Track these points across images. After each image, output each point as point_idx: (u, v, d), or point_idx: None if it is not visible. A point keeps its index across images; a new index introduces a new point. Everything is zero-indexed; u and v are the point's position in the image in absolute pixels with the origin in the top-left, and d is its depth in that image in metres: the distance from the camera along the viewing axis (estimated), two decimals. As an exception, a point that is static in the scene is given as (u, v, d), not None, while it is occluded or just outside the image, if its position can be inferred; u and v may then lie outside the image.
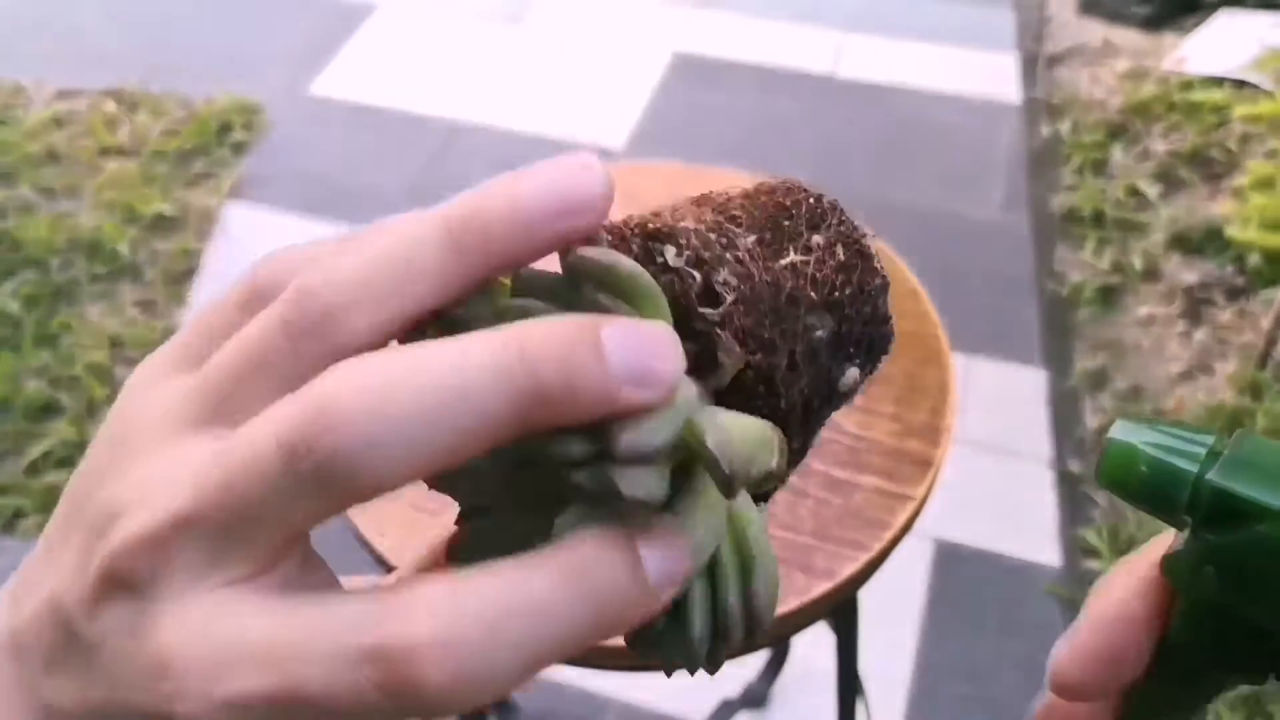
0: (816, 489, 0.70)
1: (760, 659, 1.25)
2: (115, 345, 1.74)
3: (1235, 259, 1.77)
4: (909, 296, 0.80)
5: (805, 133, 2.14)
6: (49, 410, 1.65)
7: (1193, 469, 0.21)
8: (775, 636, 0.68)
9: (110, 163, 2.08)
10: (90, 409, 1.65)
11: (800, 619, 0.65)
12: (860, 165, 2.06)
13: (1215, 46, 2.17)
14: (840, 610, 0.86)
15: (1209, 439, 0.22)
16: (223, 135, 2.15)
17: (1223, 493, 0.21)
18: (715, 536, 0.21)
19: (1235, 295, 1.74)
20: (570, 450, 0.19)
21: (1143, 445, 0.22)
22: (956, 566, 1.44)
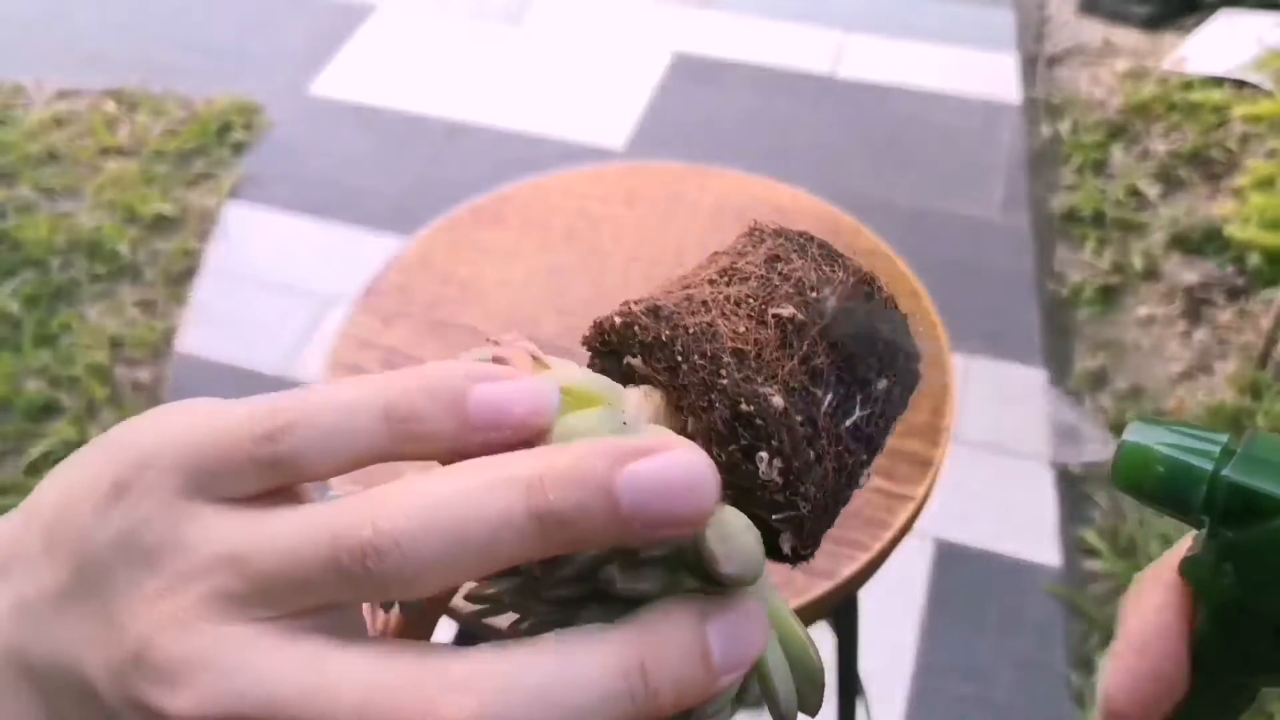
0: (816, 489, 0.70)
1: (760, 659, 1.25)
2: (115, 345, 1.74)
3: (1235, 259, 1.77)
4: (909, 296, 0.80)
5: (805, 133, 2.14)
6: (49, 410, 1.65)
7: (1208, 467, 0.21)
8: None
9: (110, 163, 2.08)
10: (90, 409, 1.65)
11: (800, 619, 0.65)
12: (860, 165, 2.06)
13: (1215, 46, 2.17)
14: (840, 610, 0.86)
15: (1222, 438, 0.22)
16: (223, 135, 2.15)
17: (1239, 489, 0.21)
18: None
19: (1235, 295, 1.74)
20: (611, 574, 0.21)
21: (1157, 446, 0.22)
22: (956, 566, 1.44)
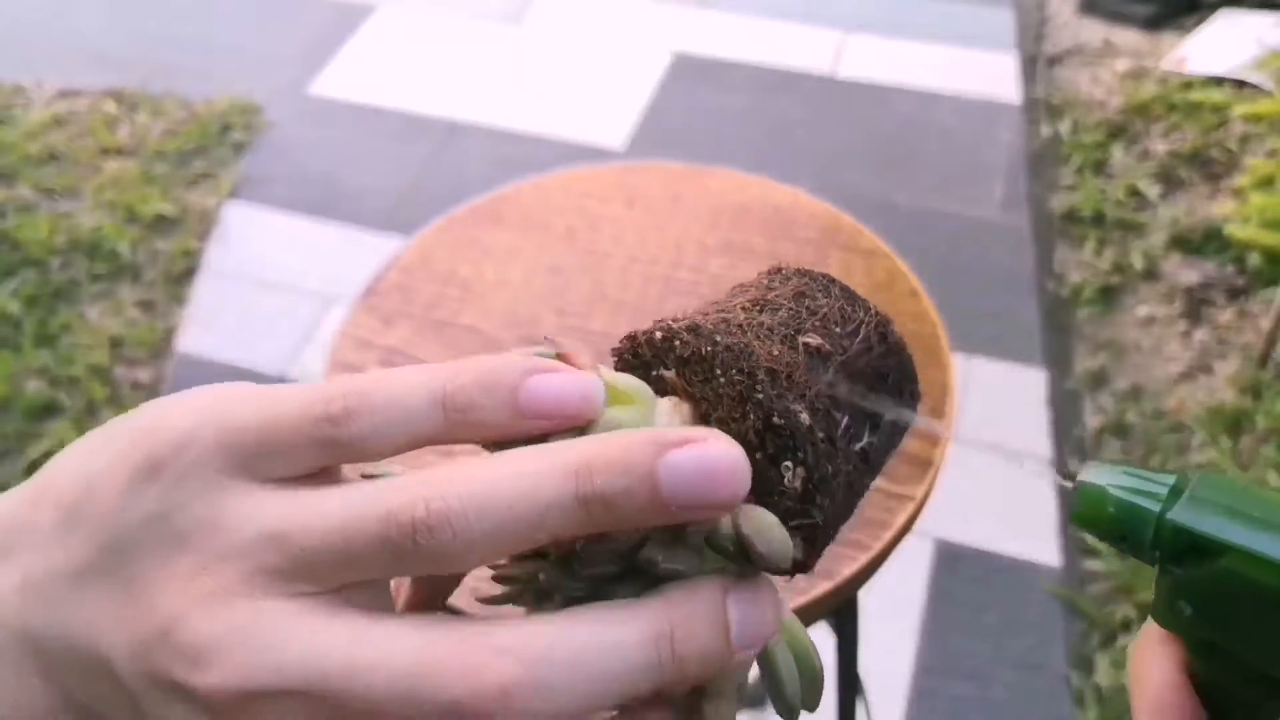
0: (816, 489, 0.70)
1: (760, 659, 1.25)
2: (115, 345, 1.74)
3: (1235, 259, 1.77)
4: (909, 296, 0.80)
5: (805, 133, 2.14)
6: (49, 410, 1.65)
7: (1155, 508, 0.22)
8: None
9: (110, 163, 2.08)
10: (90, 409, 1.65)
11: (800, 619, 0.65)
12: (860, 165, 2.06)
13: (1215, 46, 2.17)
14: (840, 610, 0.86)
15: (1170, 480, 0.23)
16: (223, 135, 2.15)
17: (1182, 530, 0.21)
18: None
19: (1235, 295, 1.74)
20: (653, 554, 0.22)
21: (1109, 487, 0.23)
22: (956, 566, 1.44)
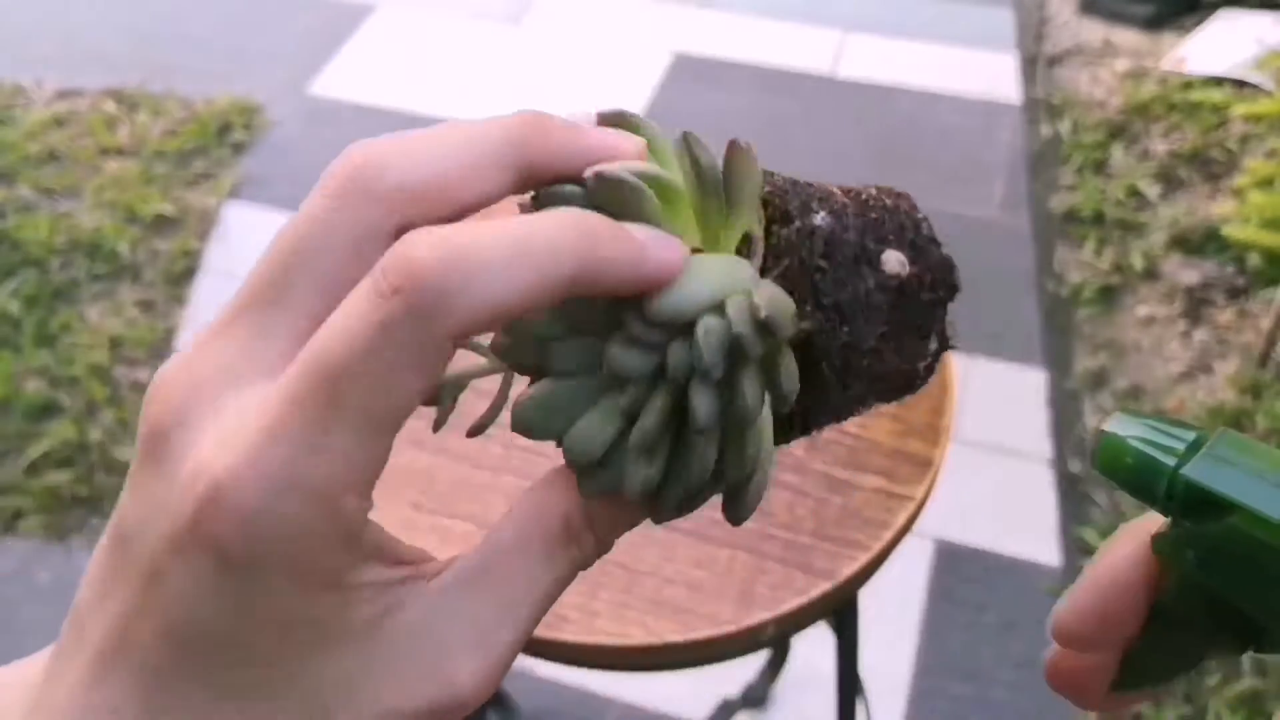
0: (816, 489, 0.70)
1: (760, 659, 1.25)
2: (115, 345, 1.74)
3: (1235, 259, 1.77)
4: (909, 296, 0.80)
5: (805, 133, 2.14)
6: (49, 410, 1.65)
7: (1171, 463, 0.23)
8: (775, 636, 0.68)
9: (110, 163, 2.08)
10: (90, 409, 1.65)
11: (800, 619, 0.65)
12: (860, 165, 2.06)
13: (1215, 46, 2.17)
14: (840, 610, 0.86)
15: (1190, 435, 0.23)
16: (223, 135, 2.15)
17: (1194, 486, 0.22)
18: (720, 289, 0.23)
19: (1235, 295, 1.74)
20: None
21: (1130, 438, 0.23)
22: (956, 566, 1.44)
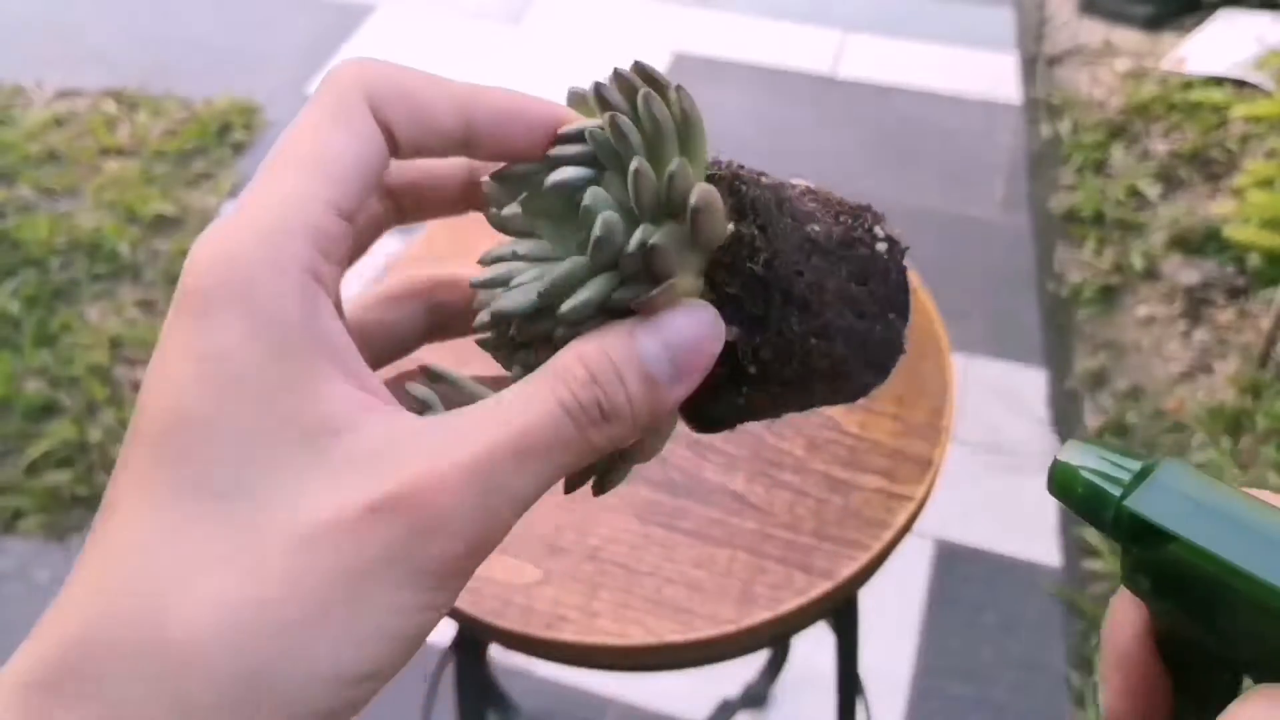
0: (816, 489, 0.70)
1: (760, 659, 1.25)
2: (115, 345, 1.74)
3: (1235, 259, 1.77)
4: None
5: (805, 133, 2.14)
6: (49, 410, 1.65)
7: (1116, 493, 0.23)
8: (775, 636, 0.68)
9: (110, 163, 2.08)
10: (90, 409, 1.65)
11: (800, 619, 0.65)
12: (860, 165, 2.06)
13: (1215, 46, 2.17)
14: (840, 610, 0.86)
15: (1137, 465, 0.24)
16: (223, 135, 2.15)
17: (1136, 517, 0.23)
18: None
19: (1235, 295, 1.74)
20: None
21: (1080, 468, 0.24)
22: (956, 566, 1.44)
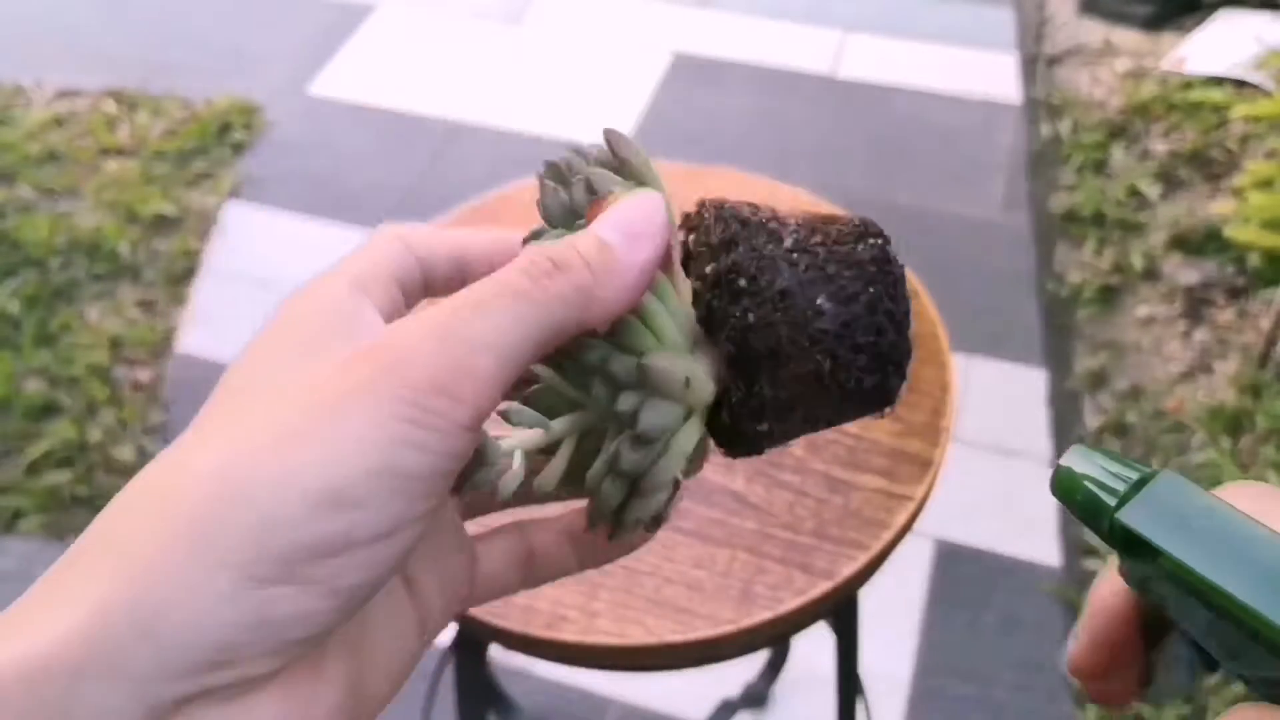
0: (816, 489, 0.70)
1: (760, 659, 1.25)
2: (115, 345, 1.74)
3: (1235, 259, 1.77)
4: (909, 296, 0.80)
5: (805, 133, 2.14)
6: (49, 410, 1.65)
7: (1111, 503, 0.24)
8: (775, 636, 0.68)
9: (110, 163, 2.08)
10: (90, 409, 1.65)
11: (800, 619, 0.65)
12: (860, 165, 2.06)
13: (1215, 46, 2.17)
14: (840, 610, 0.86)
15: (1134, 475, 0.24)
16: (223, 135, 2.15)
17: (1127, 529, 0.24)
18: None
19: (1235, 295, 1.74)
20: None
21: (1080, 474, 0.25)
22: (956, 566, 1.44)
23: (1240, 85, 2.08)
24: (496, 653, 0.94)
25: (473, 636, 0.78)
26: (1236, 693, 1.28)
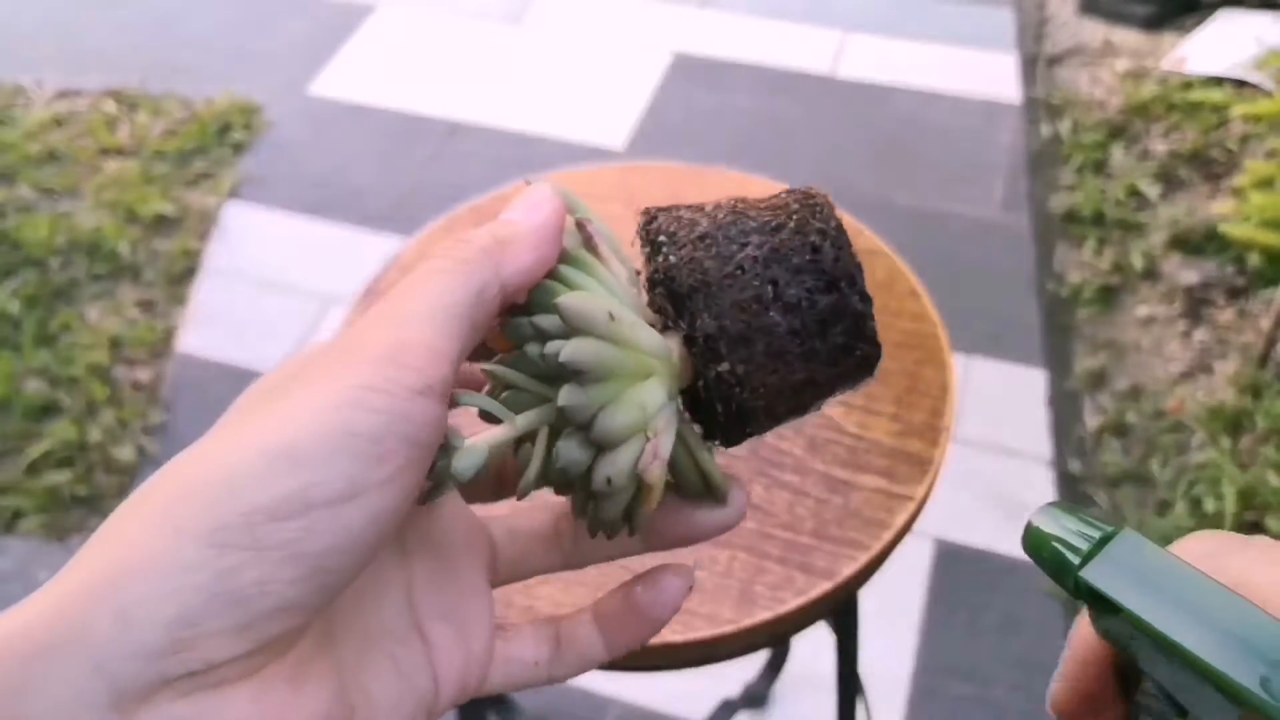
0: (816, 489, 0.70)
1: (760, 659, 1.25)
2: (115, 345, 1.74)
3: (1235, 259, 1.77)
4: (909, 296, 0.80)
5: (805, 133, 2.14)
6: (49, 410, 1.65)
7: (1076, 561, 0.26)
8: (775, 636, 0.68)
9: (110, 163, 2.08)
10: (90, 409, 1.65)
11: (800, 619, 0.65)
12: (860, 165, 2.06)
13: (1215, 46, 2.17)
14: (840, 610, 0.86)
15: (1097, 534, 0.26)
16: (223, 135, 2.15)
17: (1090, 587, 0.25)
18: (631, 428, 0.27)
19: (1235, 295, 1.74)
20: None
21: (1049, 534, 0.27)
22: (956, 566, 1.44)
23: (1240, 85, 2.08)
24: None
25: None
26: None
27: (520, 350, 0.28)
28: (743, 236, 0.27)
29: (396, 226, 1.93)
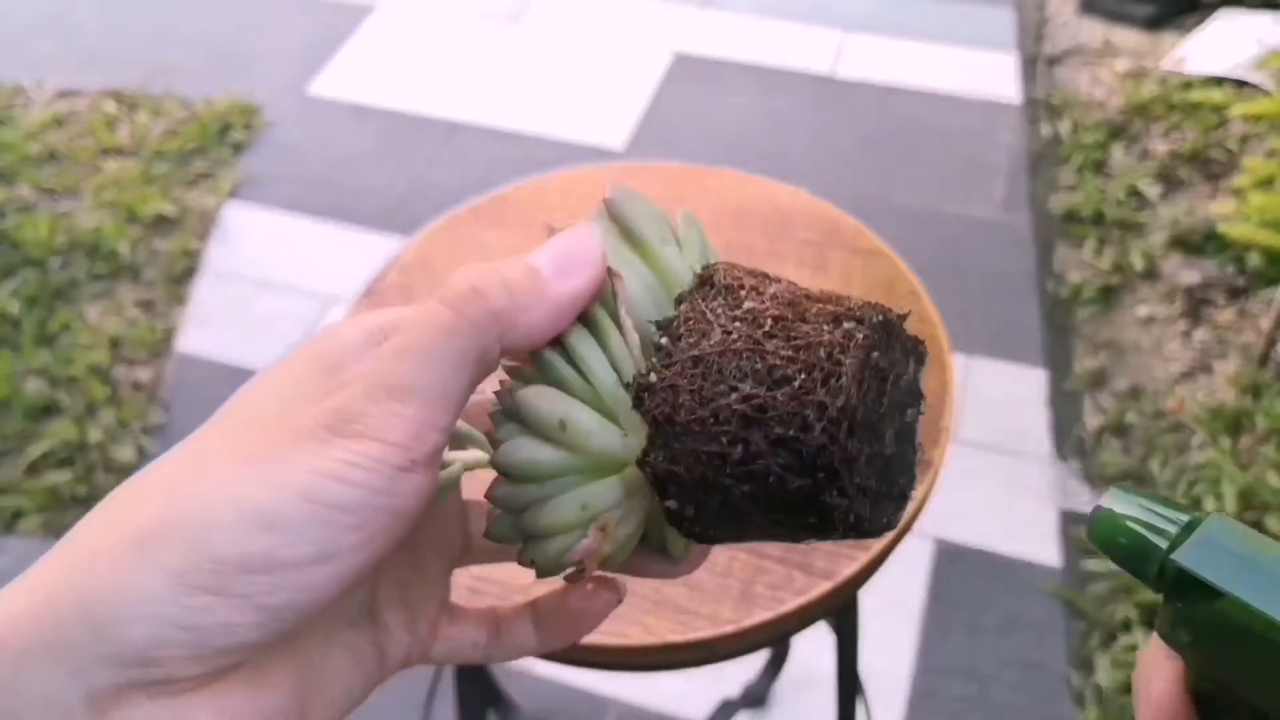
0: (816, 489, 0.70)
1: (760, 659, 1.25)
2: (115, 345, 1.74)
3: (1235, 259, 1.77)
4: (909, 297, 0.80)
5: (805, 133, 2.14)
6: (49, 410, 1.65)
7: (1163, 545, 0.23)
8: (775, 636, 0.68)
9: (110, 163, 2.08)
10: (90, 409, 1.65)
11: (800, 619, 0.65)
12: (860, 165, 2.06)
13: (1215, 46, 2.17)
14: (840, 610, 0.86)
15: (1184, 517, 0.24)
16: (223, 135, 2.15)
17: (1184, 572, 0.23)
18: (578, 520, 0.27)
19: (1235, 295, 1.74)
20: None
21: (1124, 517, 0.24)
22: (956, 566, 1.44)
23: (1240, 85, 2.08)
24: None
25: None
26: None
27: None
28: (737, 377, 0.24)
29: (396, 226, 1.92)
